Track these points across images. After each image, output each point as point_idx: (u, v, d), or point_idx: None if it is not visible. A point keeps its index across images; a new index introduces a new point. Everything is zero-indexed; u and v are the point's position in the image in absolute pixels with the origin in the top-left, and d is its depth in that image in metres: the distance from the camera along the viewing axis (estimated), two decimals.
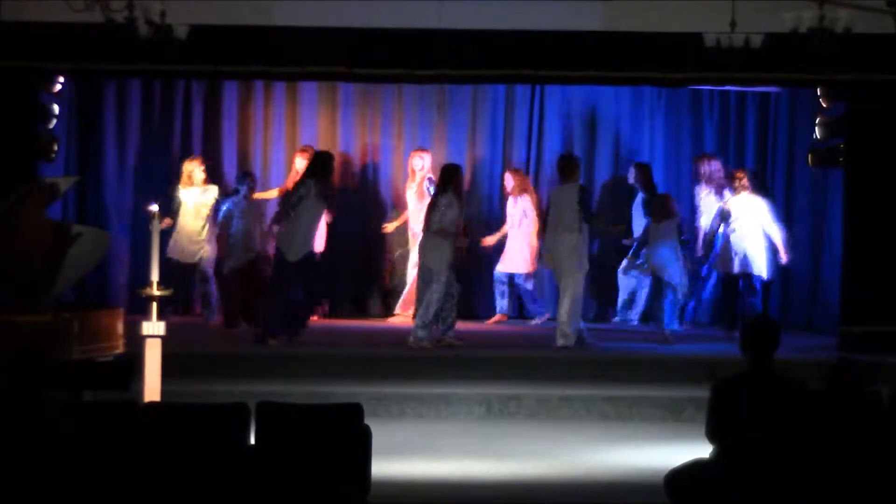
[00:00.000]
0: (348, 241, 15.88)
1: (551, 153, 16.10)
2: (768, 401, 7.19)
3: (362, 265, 16.13)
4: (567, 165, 13.84)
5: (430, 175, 15.19)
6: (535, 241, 15.17)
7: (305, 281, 13.50)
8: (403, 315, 15.06)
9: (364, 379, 12.24)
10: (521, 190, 15.30)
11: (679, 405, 11.71)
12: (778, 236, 14.28)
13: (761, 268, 14.35)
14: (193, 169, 14.85)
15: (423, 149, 15.61)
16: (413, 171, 15.40)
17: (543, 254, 14.31)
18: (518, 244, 15.34)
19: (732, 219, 14.34)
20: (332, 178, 14.08)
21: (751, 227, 14.30)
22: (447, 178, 13.58)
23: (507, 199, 15.52)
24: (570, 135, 16.17)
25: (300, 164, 15.16)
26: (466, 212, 14.52)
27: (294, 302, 13.43)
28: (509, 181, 15.40)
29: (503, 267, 15.46)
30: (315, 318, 14.70)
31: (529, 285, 15.54)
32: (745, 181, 14.46)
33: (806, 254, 15.35)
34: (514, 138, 16.20)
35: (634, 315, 15.53)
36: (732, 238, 14.35)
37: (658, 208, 14.25)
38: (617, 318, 15.62)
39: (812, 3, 10.95)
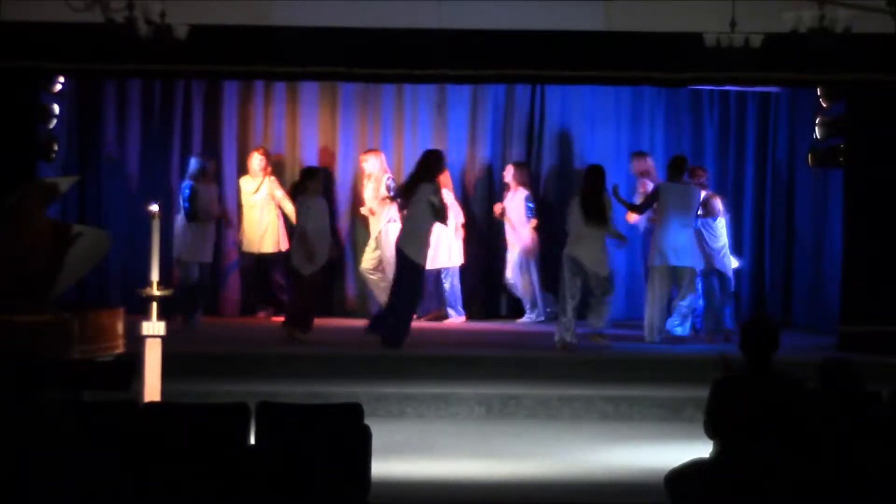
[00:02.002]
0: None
1: (551, 153, 16.12)
2: (768, 401, 7.19)
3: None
4: (677, 165, 14.04)
5: (391, 175, 15.25)
6: (460, 236, 15.37)
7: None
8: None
9: (364, 379, 12.24)
10: (443, 185, 15.29)
11: (679, 405, 11.71)
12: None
13: (725, 264, 14.42)
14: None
15: (373, 150, 15.52)
16: (368, 175, 15.26)
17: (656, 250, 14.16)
18: (447, 239, 15.22)
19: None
20: (438, 176, 13.81)
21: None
22: (597, 176, 13.69)
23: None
24: (570, 135, 16.17)
25: (256, 162, 15.15)
26: None
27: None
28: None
29: (431, 264, 15.16)
30: None
31: (447, 283, 15.46)
32: (703, 179, 14.53)
33: (806, 253, 15.36)
34: (514, 138, 16.20)
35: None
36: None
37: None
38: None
39: (812, 3, 10.95)
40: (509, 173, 15.54)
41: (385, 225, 15.16)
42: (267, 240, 15.32)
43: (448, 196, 15.19)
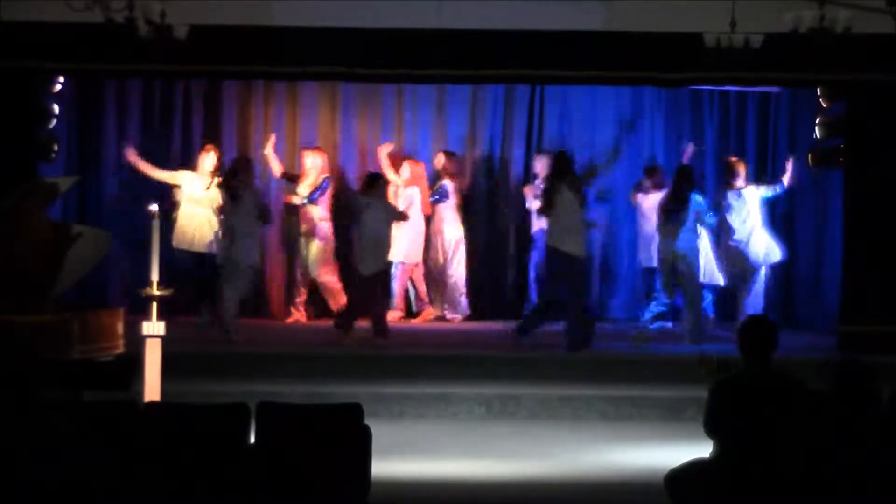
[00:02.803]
0: None
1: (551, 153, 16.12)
2: (768, 401, 7.19)
3: None
4: (730, 170, 14.27)
5: (329, 177, 15.21)
6: (422, 230, 15.35)
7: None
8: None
9: (364, 379, 12.24)
10: (415, 181, 15.30)
11: (679, 405, 11.70)
12: None
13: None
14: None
15: (318, 148, 15.47)
16: (308, 171, 15.16)
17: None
18: (409, 233, 15.18)
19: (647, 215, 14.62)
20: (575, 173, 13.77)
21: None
22: (683, 178, 13.79)
23: (399, 188, 15.33)
24: (570, 135, 16.16)
25: (208, 162, 14.67)
26: None
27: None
28: (406, 171, 15.33)
29: (394, 257, 15.08)
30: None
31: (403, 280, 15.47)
32: (657, 180, 14.61)
33: (806, 254, 15.36)
34: (514, 138, 16.20)
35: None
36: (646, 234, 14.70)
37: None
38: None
39: (812, 3, 10.96)
40: (440, 162, 15.53)
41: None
42: (204, 238, 14.92)
43: (416, 193, 15.19)
